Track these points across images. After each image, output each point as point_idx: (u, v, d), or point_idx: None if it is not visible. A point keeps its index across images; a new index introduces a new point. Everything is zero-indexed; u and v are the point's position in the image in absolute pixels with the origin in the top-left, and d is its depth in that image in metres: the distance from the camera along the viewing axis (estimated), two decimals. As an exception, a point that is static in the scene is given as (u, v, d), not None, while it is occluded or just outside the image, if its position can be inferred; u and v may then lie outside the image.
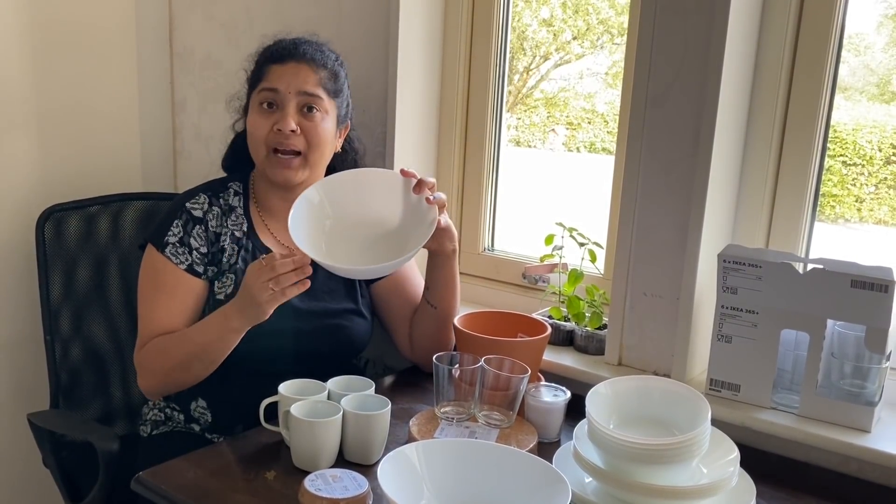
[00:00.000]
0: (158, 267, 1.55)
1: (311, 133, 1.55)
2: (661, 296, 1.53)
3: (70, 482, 1.78)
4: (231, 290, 1.55)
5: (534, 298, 1.83)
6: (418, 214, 1.49)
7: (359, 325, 1.65)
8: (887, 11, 1.62)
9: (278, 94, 1.54)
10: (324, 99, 1.56)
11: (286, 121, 1.52)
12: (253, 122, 1.56)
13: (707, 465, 1.19)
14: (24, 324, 2.09)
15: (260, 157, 1.57)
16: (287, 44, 1.59)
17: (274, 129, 1.53)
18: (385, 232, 1.51)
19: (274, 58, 1.58)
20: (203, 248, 1.56)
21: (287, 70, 1.55)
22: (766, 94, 1.50)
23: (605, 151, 2.32)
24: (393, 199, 1.51)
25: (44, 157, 2.11)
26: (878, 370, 1.34)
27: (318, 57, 1.58)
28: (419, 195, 1.48)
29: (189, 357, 1.46)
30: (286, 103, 1.54)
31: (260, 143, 1.55)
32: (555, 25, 2.21)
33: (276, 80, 1.54)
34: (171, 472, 1.26)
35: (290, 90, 1.53)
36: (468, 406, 1.39)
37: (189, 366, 1.47)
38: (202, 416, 1.60)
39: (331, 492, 1.13)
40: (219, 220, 1.58)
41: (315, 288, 1.60)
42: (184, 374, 1.49)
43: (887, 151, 1.67)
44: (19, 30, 2.02)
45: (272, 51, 1.59)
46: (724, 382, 1.45)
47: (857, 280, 1.30)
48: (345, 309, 1.63)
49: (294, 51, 1.57)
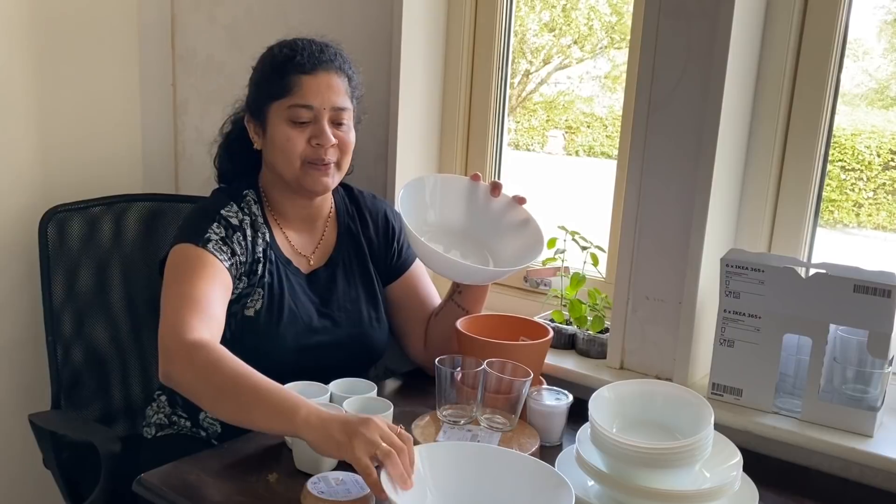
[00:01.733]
0: (198, 255, 1.41)
1: (343, 142, 1.53)
2: (664, 300, 1.53)
3: (71, 483, 1.77)
4: (260, 305, 1.50)
5: (536, 302, 1.83)
6: (502, 217, 1.63)
7: (381, 332, 1.64)
8: (887, 17, 1.63)
9: (313, 109, 1.49)
10: (351, 109, 1.54)
11: (325, 136, 1.49)
12: (285, 136, 1.50)
13: (710, 470, 1.19)
14: (25, 324, 2.09)
15: (293, 170, 1.51)
16: (313, 51, 1.53)
17: (312, 144, 1.50)
18: (467, 239, 1.63)
19: (300, 68, 1.50)
20: (243, 256, 1.49)
21: (320, 83, 1.50)
22: (768, 98, 1.51)
23: (605, 155, 2.32)
24: (470, 208, 1.65)
25: (46, 158, 2.11)
26: (881, 375, 1.35)
27: (342, 65, 1.54)
28: (498, 197, 1.63)
29: (230, 395, 1.24)
30: (320, 118, 1.50)
31: (295, 156, 1.50)
32: (556, 30, 2.22)
33: (310, 96, 1.49)
34: (173, 474, 1.26)
35: (325, 106, 1.50)
36: (470, 409, 1.39)
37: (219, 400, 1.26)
38: (211, 427, 1.59)
39: (333, 495, 1.13)
40: (252, 231, 1.52)
41: (336, 298, 1.60)
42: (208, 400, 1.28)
43: (886, 157, 1.67)
44: (22, 31, 2.02)
45: (298, 60, 1.51)
46: (727, 387, 1.45)
47: (859, 285, 1.31)
48: (368, 317, 1.62)
49: (321, 58, 1.52)
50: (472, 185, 1.64)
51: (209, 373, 1.26)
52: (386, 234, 1.69)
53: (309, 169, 1.51)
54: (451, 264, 1.51)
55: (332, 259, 1.63)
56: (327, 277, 1.61)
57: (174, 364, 1.30)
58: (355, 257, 1.65)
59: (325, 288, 1.60)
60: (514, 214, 1.63)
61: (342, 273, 1.62)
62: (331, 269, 1.62)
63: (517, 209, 1.63)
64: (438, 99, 1.95)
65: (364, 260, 1.65)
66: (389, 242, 1.69)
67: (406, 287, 1.69)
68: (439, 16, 1.89)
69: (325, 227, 1.65)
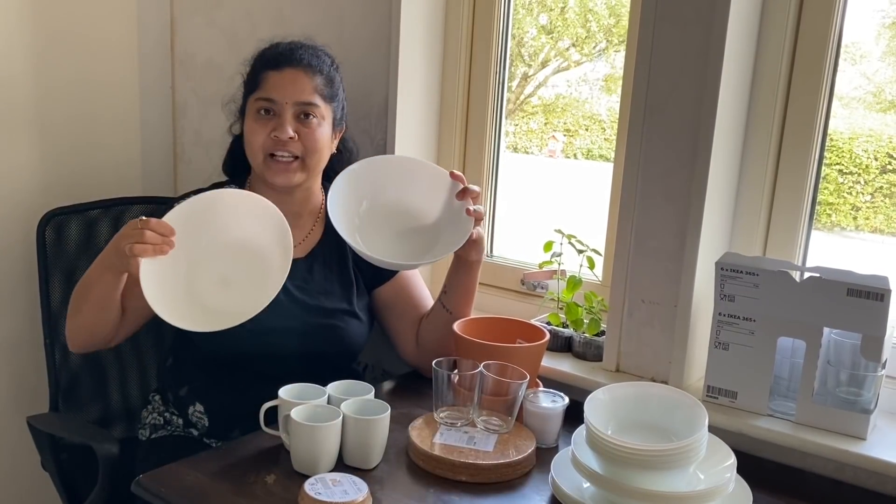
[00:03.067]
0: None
1: (308, 139, 1.57)
2: (659, 303, 1.54)
3: (69, 485, 1.78)
4: None
5: (532, 305, 1.84)
6: (455, 219, 1.52)
7: (353, 326, 1.65)
8: (884, 21, 1.63)
9: (275, 103, 1.55)
10: (320, 105, 1.58)
11: (283, 129, 1.54)
12: (250, 129, 1.58)
13: (704, 472, 1.20)
14: (24, 327, 2.09)
15: (258, 162, 1.59)
16: (283, 49, 1.59)
17: (271, 136, 1.55)
18: (418, 226, 1.56)
19: (270, 64, 1.58)
20: None
21: (284, 78, 1.56)
22: (763, 102, 1.52)
23: (603, 158, 2.33)
24: (434, 196, 1.55)
25: (45, 160, 2.12)
26: (874, 378, 1.35)
27: (314, 63, 1.59)
28: (461, 201, 1.52)
29: (78, 300, 1.50)
30: (283, 112, 1.55)
31: (258, 149, 1.57)
32: (554, 33, 2.23)
33: (272, 90, 1.56)
34: (171, 475, 1.26)
35: (287, 100, 1.55)
36: (467, 411, 1.40)
37: (79, 309, 1.51)
38: (199, 421, 1.60)
39: (331, 496, 1.13)
40: None
41: (310, 287, 1.62)
42: (77, 319, 1.52)
43: (883, 160, 1.68)
44: (21, 34, 2.03)
45: (268, 56, 1.60)
46: (721, 389, 1.46)
47: (853, 288, 1.32)
48: (339, 309, 1.63)
49: (290, 56, 1.58)
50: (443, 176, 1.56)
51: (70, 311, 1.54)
52: None
53: (270, 163, 1.57)
54: (379, 262, 1.48)
55: (313, 252, 1.66)
56: (305, 268, 1.63)
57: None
58: (336, 255, 1.66)
59: (301, 277, 1.61)
60: (459, 206, 1.53)
61: (319, 267, 1.65)
62: (309, 261, 1.64)
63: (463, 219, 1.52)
64: (436, 102, 1.96)
65: (345, 260, 1.67)
66: None
67: (396, 290, 1.70)
68: (437, 20, 1.90)
69: (314, 223, 1.68)
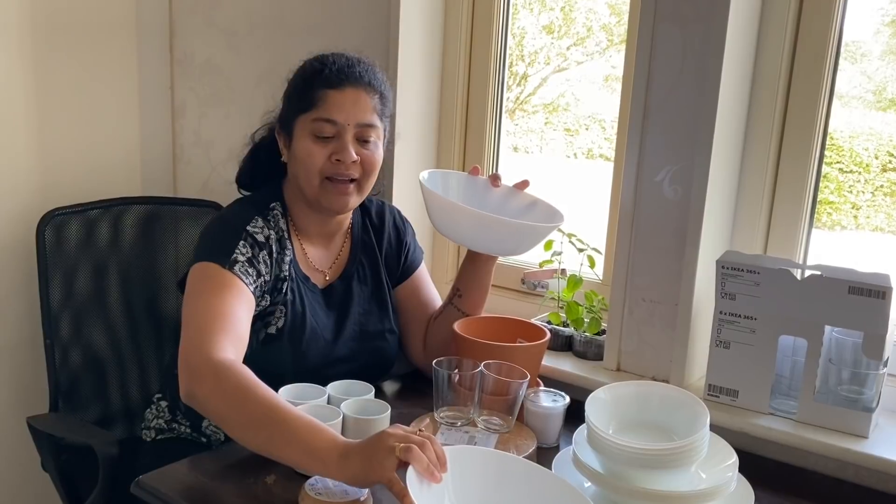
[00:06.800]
0: (223, 276, 1.37)
1: (368, 161, 1.49)
2: (660, 301, 1.53)
3: (69, 486, 1.78)
4: (282, 323, 1.47)
5: (533, 304, 1.83)
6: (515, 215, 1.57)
7: (393, 343, 1.64)
8: (884, 19, 1.63)
9: (336, 125, 1.46)
10: (378, 126, 1.50)
11: (346, 152, 1.46)
12: (306, 151, 1.47)
13: (706, 471, 1.19)
14: (23, 327, 2.09)
15: (313, 186, 1.48)
16: (342, 65, 1.50)
17: (332, 160, 1.47)
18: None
19: (329, 82, 1.47)
20: (268, 276, 1.45)
21: (345, 98, 1.47)
22: (764, 101, 1.51)
23: (603, 157, 2.33)
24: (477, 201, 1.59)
25: (44, 161, 2.12)
26: (876, 376, 1.35)
27: (373, 81, 1.51)
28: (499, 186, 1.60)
29: (261, 426, 1.18)
30: (344, 133, 1.46)
31: (314, 172, 1.47)
32: (554, 32, 2.22)
33: (334, 111, 1.46)
34: (172, 476, 1.26)
35: (350, 122, 1.46)
36: (468, 411, 1.39)
37: (248, 430, 1.20)
38: (214, 434, 1.58)
39: (331, 496, 1.13)
40: (278, 247, 1.49)
41: (352, 310, 1.59)
42: (237, 428, 1.22)
43: (884, 159, 1.68)
44: (20, 34, 2.03)
45: (326, 74, 1.48)
46: (723, 388, 1.46)
47: (854, 286, 1.31)
48: (382, 330, 1.62)
49: (350, 73, 1.48)
50: (471, 179, 1.63)
51: (239, 400, 1.20)
52: (398, 240, 1.69)
53: (328, 186, 1.48)
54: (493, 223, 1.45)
55: (347, 272, 1.61)
56: (343, 291, 1.59)
57: (201, 385, 1.24)
58: (369, 268, 1.63)
59: (341, 302, 1.58)
60: (519, 200, 1.61)
61: (357, 286, 1.61)
62: (346, 283, 1.60)
63: (520, 195, 1.62)
64: (436, 101, 1.95)
65: (377, 270, 1.64)
66: (401, 247, 1.69)
67: (410, 290, 1.69)
68: (436, 18, 1.90)
69: (344, 241, 1.63)
